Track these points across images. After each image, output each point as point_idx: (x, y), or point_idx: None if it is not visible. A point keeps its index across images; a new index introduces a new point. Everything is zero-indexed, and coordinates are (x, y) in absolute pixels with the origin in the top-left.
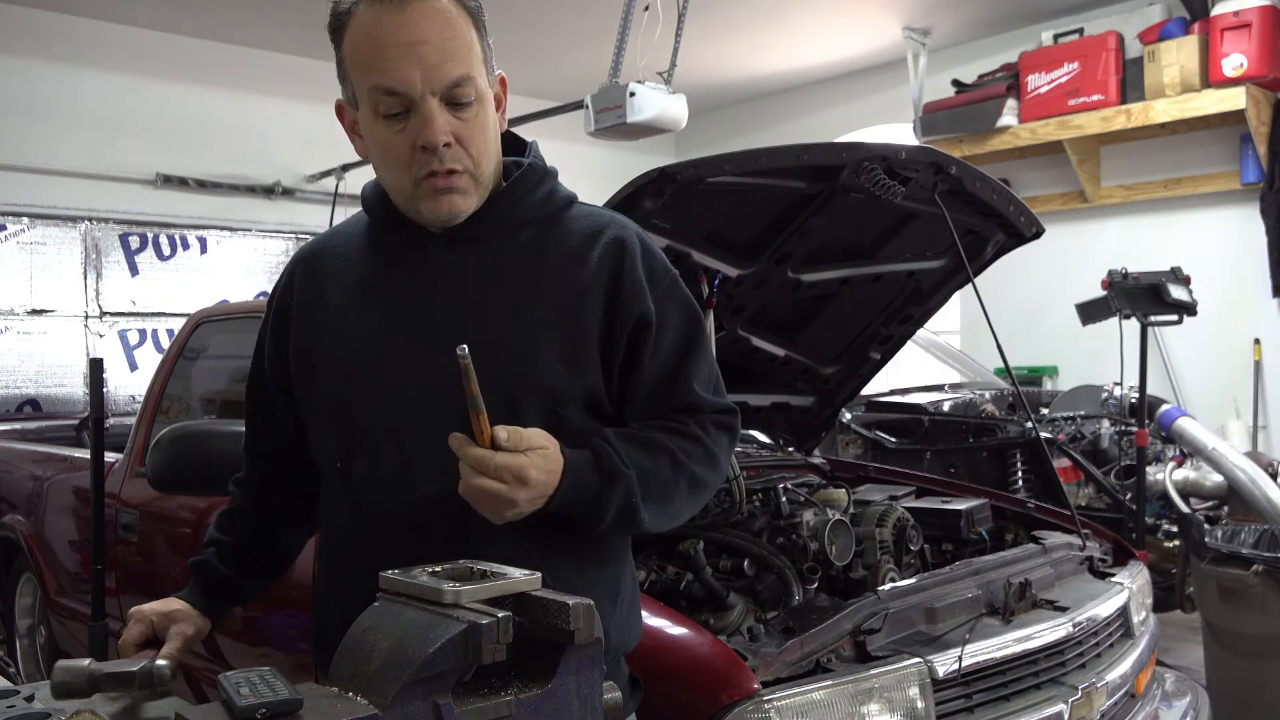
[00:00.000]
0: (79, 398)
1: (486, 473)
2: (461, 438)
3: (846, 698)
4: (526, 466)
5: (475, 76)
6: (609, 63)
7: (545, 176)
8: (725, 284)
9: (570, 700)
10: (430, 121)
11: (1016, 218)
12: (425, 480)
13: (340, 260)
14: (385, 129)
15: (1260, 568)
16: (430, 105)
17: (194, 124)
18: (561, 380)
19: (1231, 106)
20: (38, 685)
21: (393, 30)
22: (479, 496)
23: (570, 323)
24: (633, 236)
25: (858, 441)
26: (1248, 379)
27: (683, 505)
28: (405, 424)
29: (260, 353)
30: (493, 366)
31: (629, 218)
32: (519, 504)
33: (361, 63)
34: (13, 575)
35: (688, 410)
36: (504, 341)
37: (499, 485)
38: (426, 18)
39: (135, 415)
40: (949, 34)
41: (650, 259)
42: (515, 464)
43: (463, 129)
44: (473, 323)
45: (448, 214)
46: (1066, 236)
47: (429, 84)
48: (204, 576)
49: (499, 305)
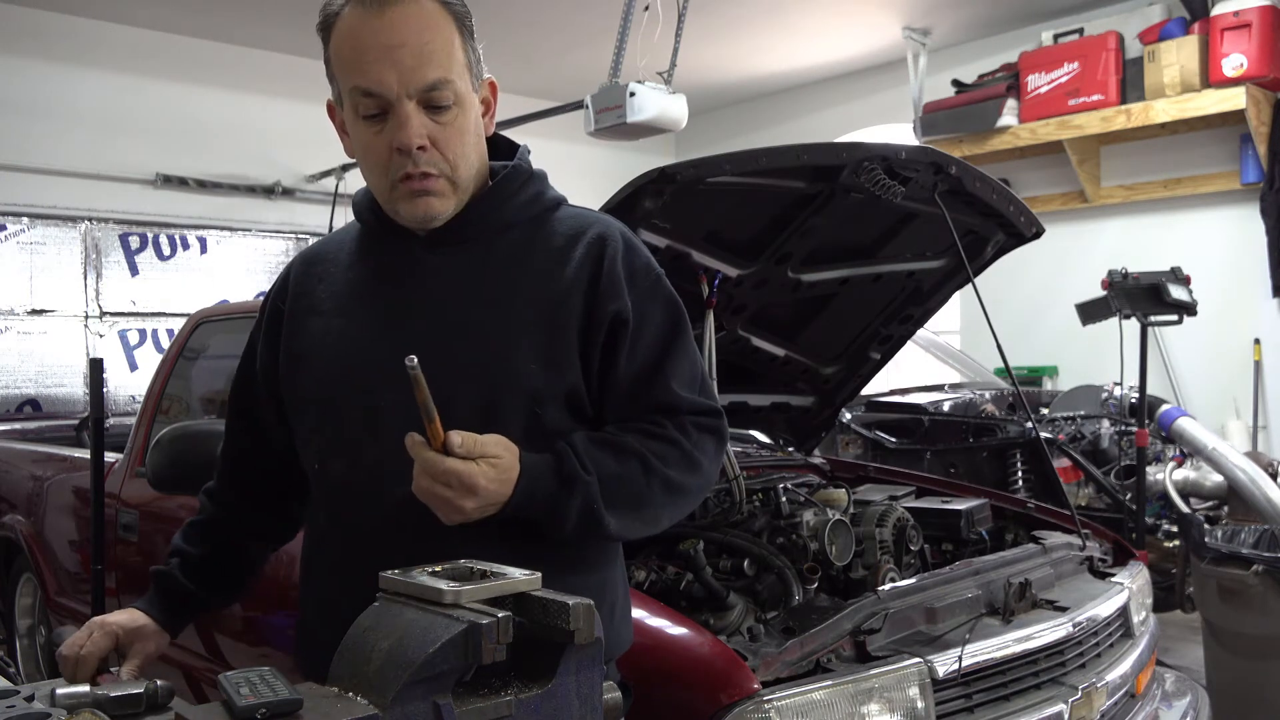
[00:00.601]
0: (79, 398)
1: (435, 477)
2: (417, 439)
3: (846, 698)
4: (475, 475)
5: (454, 80)
6: (609, 63)
7: (531, 178)
8: (725, 284)
9: (570, 700)
10: (405, 124)
11: (1016, 218)
12: (398, 482)
13: (333, 265)
14: (365, 130)
15: (1260, 568)
16: (406, 108)
17: (194, 124)
18: (539, 381)
19: (1231, 106)
20: (38, 685)
21: (373, 33)
22: (427, 499)
23: (550, 323)
24: (615, 234)
25: (858, 441)
26: (1248, 379)
27: (660, 510)
28: (382, 426)
29: (251, 355)
30: (471, 367)
31: (629, 218)
32: (466, 510)
33: (344, 63)
34: (13, 575)
35: (665, 411)
36: (483, 342)
37: (445, 490)
38: (406, 21)
39: (135, 415)
40: (949, 34)
41: (632, 256)
42: (464, 470)
43: (439, 132)
44: (450, 326)
45: (423, 216)
46: (1066, 236)
47: (404, 86)
48: (166, 587)
49: (480, 306)
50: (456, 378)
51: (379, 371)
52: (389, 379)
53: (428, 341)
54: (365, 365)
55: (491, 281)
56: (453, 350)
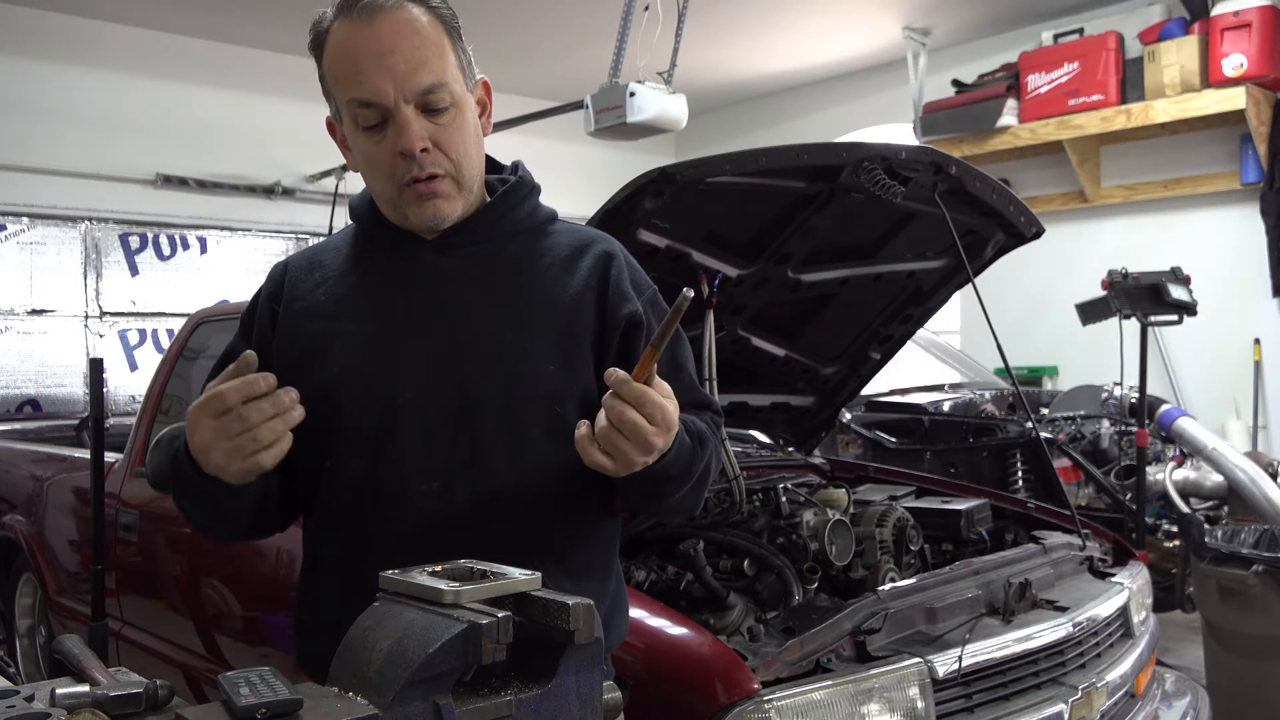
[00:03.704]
0: (79, 398)
1: (642, 409)
2: (621, 372)
3: (846, 698)
4: (671, 412)
5: (448, 82)
6: (609, 63)
7: (533, 191)
8: (725, 284)
9: (570, 700)
10: (405, 128)
11: (1016, 218)
12: (420, 480)
13: (331, 271)
14: (366, 141)
15: (1260, 568)
16: (405, 113)
17: (194, 124)
18: (558, 381)
19: (1231, 106)
20: (38, 685)
21: (364, 43)
22: (632, 431)
23: (564, 326)
24: (619, 251)
25: (858, 441)
26: (1248, 379)
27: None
28: (401, 425)
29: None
30: (495, 367)
31: (629, 218)
32: (656, 448)
33: (339, 78)
34: (13, 575)
35: (698, 407)
36: (503, 343)
37: (648, 425)
38: (395, 29)
39: (135, 415)
40: (949, 34)
41: (634, 272)
42: (664, 406)
43: (440, 134)
44: (468, 326)
45: (433, 218)
46: (1066, 236)
47: (401, 92)
48: None
49: (493, 309)
50: (481, 377)
51: (393, 372)
52: (405, 379)
53: (451, 342)
54: (384, 365)
55: (502, 285)
56: (476, 350)
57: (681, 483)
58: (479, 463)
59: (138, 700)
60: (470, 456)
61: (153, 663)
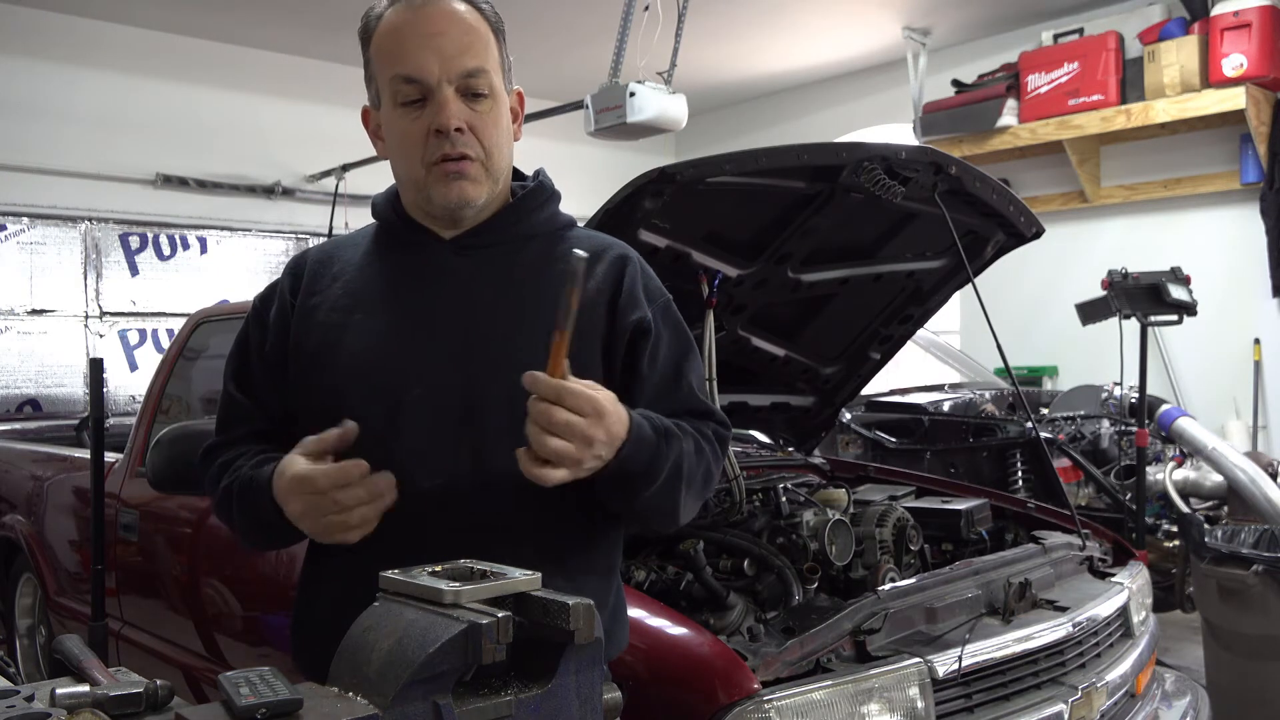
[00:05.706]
0: (79, 398)
1: (565, 403)
2: (535, 373)
3: (846, 698)
4: (601, 399)
5: (490, 72)
6: (609, 63)
7: (553, 196)
8: (725, 284)
9: (570, 700)
10: (444, 106)
11: (1016, 218)
12: (425, 478)
13: (349, 266)
14: (402, 116)
15: (1260, 568)
16: (445, 92)
17: (194, 124)
18: None
19: (1231, 106)
20: (38, 685)
21: (414, 24)
22: (565, 429)
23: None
24: (634, 258)
25: (858, 441)
26: (1248, 379)
27: (698, 498)
28: (407, 422)
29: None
30: (503, 367)
31: (629, 218)
32: (595, 442)
33: (384, 55)
34: (13, 575)
35: (697, 415)
36: (513, 343)
37: (579, 419)
38: (446, 14)
39: (135, 415)
40: (949, 34)
41: (648, 279)
42: (592, 395)
43: (476, 119)
44: (479, 326)
45: (457, 200)
46: (1066, 236)
47: (445, 72)
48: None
49: (505, 310)
50: (489, 377)
51: (401, 369)
52: (412, 376)
53: (461, 341)
54: (384, 362)
55: (517, 286)
56: (485, 350)
57: (648, 480)
58: (482, 463)
59: (138, 700)
60: (474, 456)
61: (153, 663)
